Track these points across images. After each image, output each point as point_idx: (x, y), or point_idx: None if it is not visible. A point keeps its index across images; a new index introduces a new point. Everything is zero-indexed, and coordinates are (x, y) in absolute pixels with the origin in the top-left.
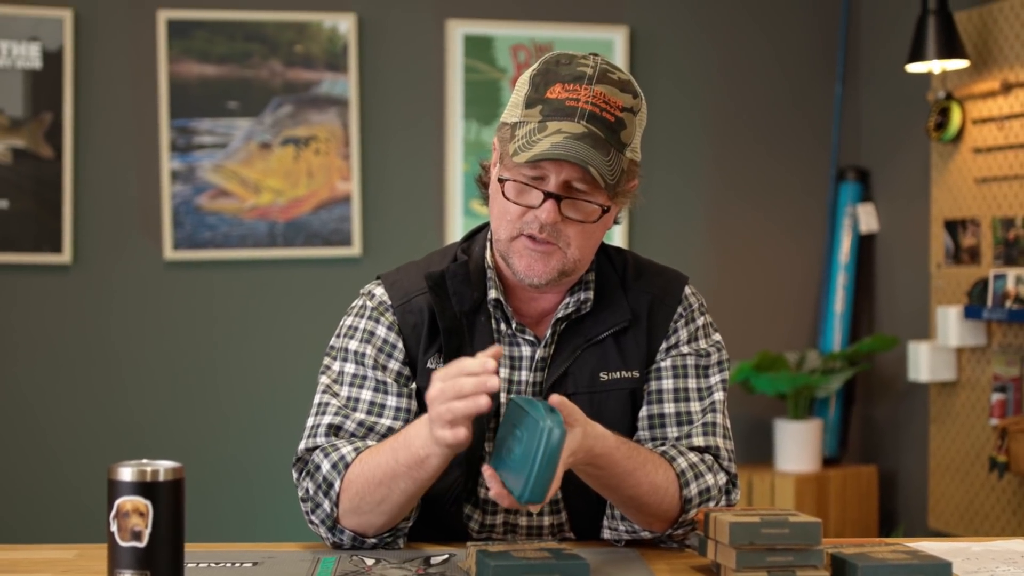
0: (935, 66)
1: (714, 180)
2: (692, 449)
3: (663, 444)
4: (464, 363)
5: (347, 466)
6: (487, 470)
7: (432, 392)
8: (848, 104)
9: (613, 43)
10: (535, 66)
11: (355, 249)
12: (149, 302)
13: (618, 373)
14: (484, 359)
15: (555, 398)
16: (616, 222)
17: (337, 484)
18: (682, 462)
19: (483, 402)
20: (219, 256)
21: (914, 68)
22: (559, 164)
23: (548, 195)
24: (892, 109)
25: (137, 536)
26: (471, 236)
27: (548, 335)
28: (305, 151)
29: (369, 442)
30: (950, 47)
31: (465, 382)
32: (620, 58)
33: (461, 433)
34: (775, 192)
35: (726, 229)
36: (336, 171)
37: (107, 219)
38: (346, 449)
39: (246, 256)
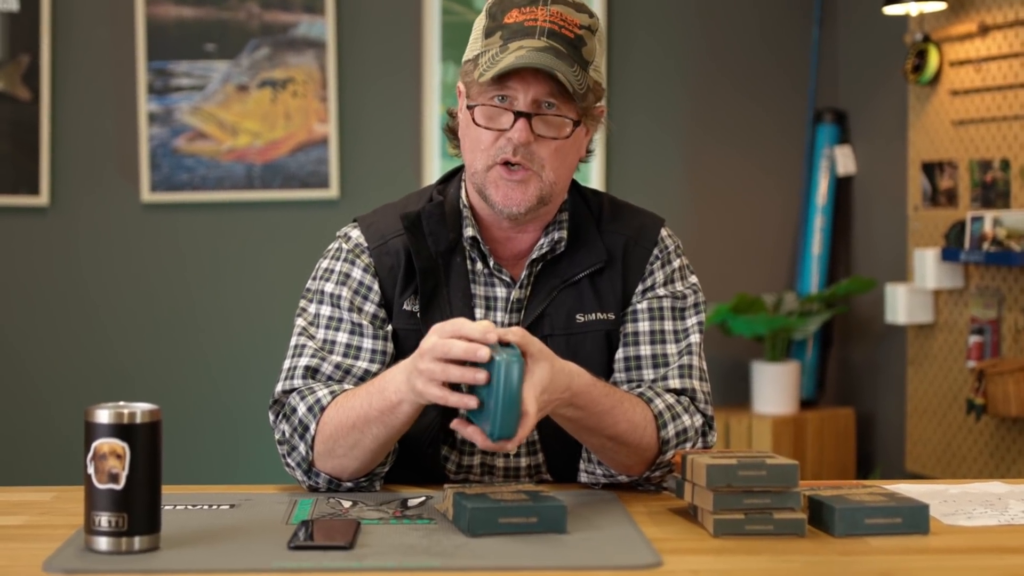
0: (912, 8)
1: (691, 124)
2: (668, 391)
3: (639, 386)
4: (464, 325)
5: (322, 409)
6: (457, 422)
7: (425, 344)
8: (825, 46)
9: None
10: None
11: (332, 191)
12: (126, 244)
13: (594, 315)
14: (486, 325)
15: (515, 331)
16: (589, 152)
17: (312, 427)
18: (659, 403)
19: (481, 377)
20: (196, 198)
21: (891, 10)
22: (526, 81)
23: (518, 114)
24: (869, 51)
25: (114, 478)
26: (447, 178)
27: (524, 276)
28: (282, 93)
29: (346, 385)
30: None
31: (456, 345)
32: (597, 5)
33: (451, 399)
34: (752, 135)
35: (703, 172)
36: (313, 113)
37: (84, 161)
38: (322, 392)
39: (223, 198)
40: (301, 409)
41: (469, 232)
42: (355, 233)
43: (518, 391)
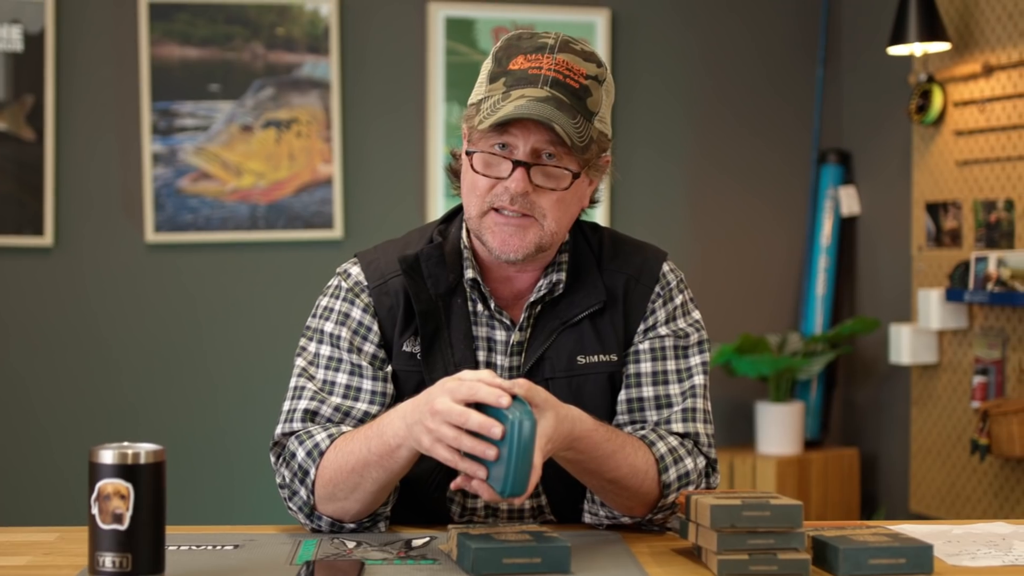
0: (917, 48)
1: (695, 163)
2: (672, 434)
3: (643, 428)
4: (479, 390)
5: (321, 453)
6: (461, 480)
7: (438, 404)
8: (829, 86)
9: (595, 26)
10: (498, 43)
11: (337, 232)
12: (131, 285)
13: (596, 357)
14: (498, 390)
15: (520, 383)
16: (594, 201)
17: (312, 472)
18: (661, 446)
19: (491, 454)
20: (200, 239)
21: (896, 51)
22: (526, 130)
23: (517, 163)
24: (874, 91)
25: (118, 519)
26: (448, 218)
27: (523, 318)
28: (287, 134)
29: (344, 428)
30: (932, 29)
31: (473, 417)
32: (601, 41)
33: (461, 464)
34: (756, 174)
35: (707, 212)
36: (318, 153)
37: (89, 202)
38: (320, 436)
39: (227, 239)
40: (300, 454)
41: (470, 274)
42: (355, 270)
43: (530, 449)
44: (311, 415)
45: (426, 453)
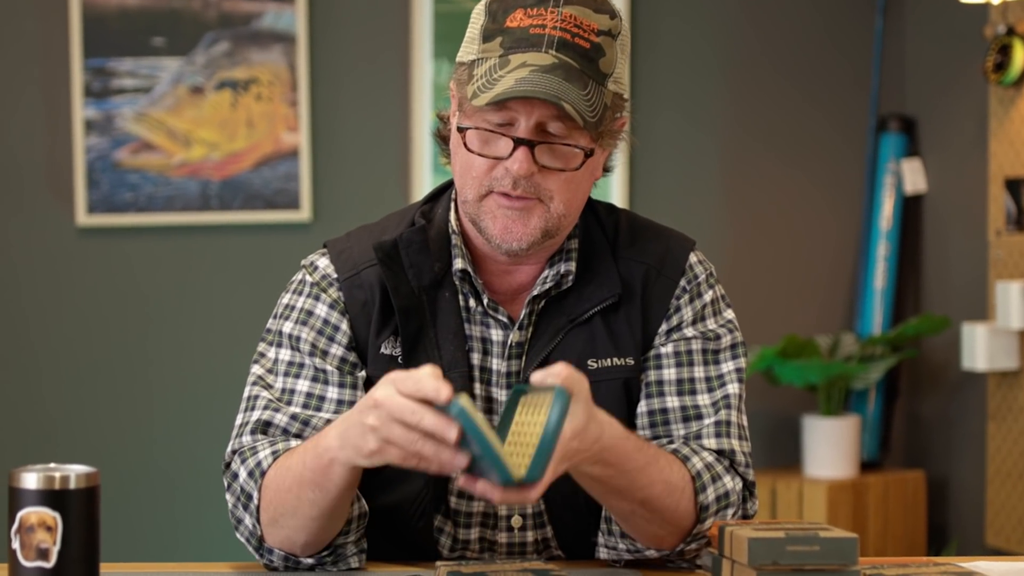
0: None
1: (731, 131)
2: (705, 450)
3: (670, 443)
4: (425, 383)
5: (263, 473)
6: (465, 479)
7: (383, 397)
8: (891, 41)
9: None
10: None
11: (304, 213)
12: (59, 276)
13: (609, 360)
14: (438, 387)
15: (558, 371)
16: (607, 169)
17: (255, 495)
18: (697, 462)
19: (461, 463)
20: (142, 221)
21: None
22: (529, 104)
23: (518, 142)
24: (943, 47)
25: (44, 554)
26: (433, 197)
27: (524, 315)
28: (244, 96)
29: (294, 442)
30: None
31: (426, 418)
32: None
33: (410, 462)
34: (804, 145)
35: (745, 189)
36: (281, 120)
37: (9, 179)
38: (264, 453)
39: (174, 221)
40: (242, 475)
41: (459, 264)
42: (322, 262)
43: (558, 430)
44: (263, 426)
45: (370, 462)
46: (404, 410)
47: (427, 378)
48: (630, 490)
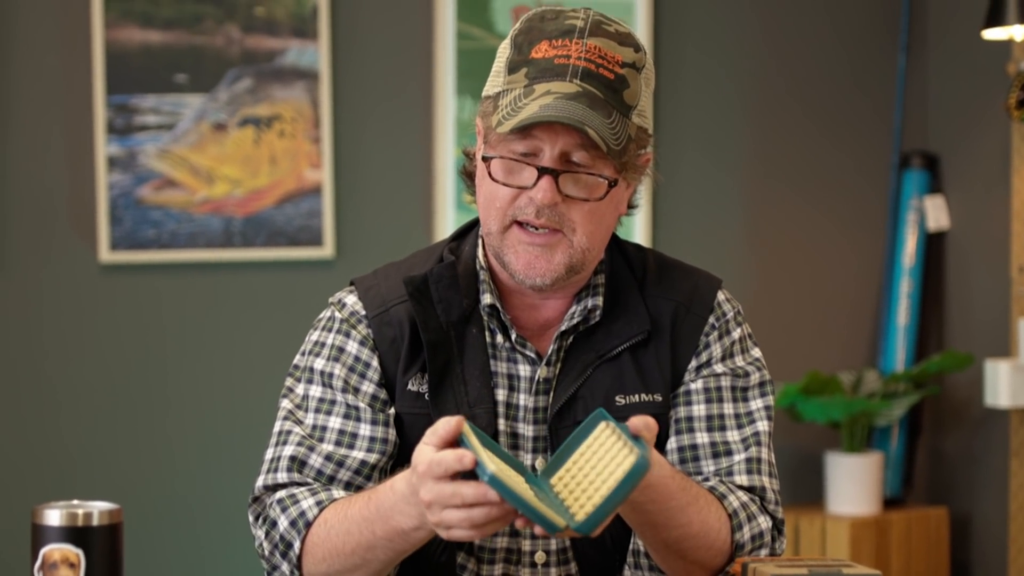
0: (1017, 32)
1: (754, 169)
2: (738, 487)
3: (704, 480)
4: (447, 459)
5: (308, 525)
6: (522, 521)
7: (425, 495)
8: (914, 77)
9: (634, 3)
10: (517, 25)
11: (327, 250)
12: (82, 313)
13: (637, 396)
14: (461, 454)
15: (641, 424)
16: (632, 207)
17: (297, 545)
18: (733, 501)
19: (519, 524)
20: (165, 258)
21: (992, 34)
22: (553, 132)
23: (543, 171)
24: (966, 83)
25: None
26: (461, 234)
27: (552, 351)
28: (267, 133)
29: (335, 492)
30: None
31: (465, 491)
32: (642, 20)
33: (483, 533)
34: (826, 182)
35: (767, 225)
36: (304, 157)
37: (32, 215)
38: (307, 503)
39: (197, 258)
40: (283, 523)
41: (487, 299)
42: (351, 299)
43: (626, 496)
44: (298, 465)
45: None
46: (446, 497)
47: (449, 457)
48: (668, 525)
